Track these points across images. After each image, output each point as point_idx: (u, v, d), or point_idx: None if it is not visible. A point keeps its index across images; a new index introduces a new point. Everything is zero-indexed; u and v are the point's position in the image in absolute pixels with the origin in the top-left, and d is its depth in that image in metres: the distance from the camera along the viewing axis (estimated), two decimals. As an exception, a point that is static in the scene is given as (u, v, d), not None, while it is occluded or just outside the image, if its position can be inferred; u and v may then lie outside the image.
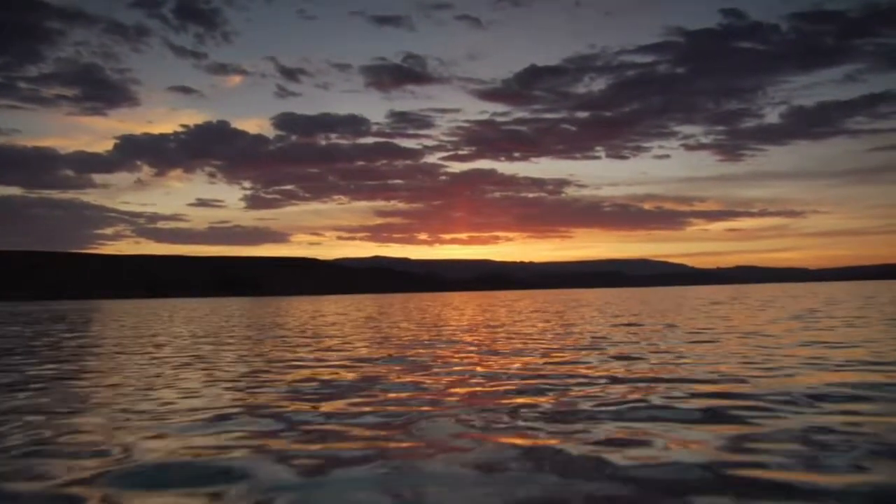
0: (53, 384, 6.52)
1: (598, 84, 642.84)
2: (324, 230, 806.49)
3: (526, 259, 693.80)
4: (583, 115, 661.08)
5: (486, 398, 5.13)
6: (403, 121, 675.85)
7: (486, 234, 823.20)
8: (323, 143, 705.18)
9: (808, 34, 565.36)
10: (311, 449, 3.60)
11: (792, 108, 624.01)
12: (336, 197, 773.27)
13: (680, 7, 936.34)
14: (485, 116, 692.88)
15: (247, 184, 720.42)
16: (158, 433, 4.05)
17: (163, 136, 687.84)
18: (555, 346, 9.16)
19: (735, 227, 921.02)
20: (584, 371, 6.53)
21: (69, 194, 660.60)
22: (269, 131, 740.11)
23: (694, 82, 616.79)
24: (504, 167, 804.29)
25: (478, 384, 5.89)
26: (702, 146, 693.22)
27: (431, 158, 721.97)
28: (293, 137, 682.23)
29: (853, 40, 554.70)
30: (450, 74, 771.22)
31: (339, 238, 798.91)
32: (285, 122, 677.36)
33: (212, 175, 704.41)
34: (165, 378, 6.77)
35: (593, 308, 24.38)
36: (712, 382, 5.55)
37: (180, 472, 3.22)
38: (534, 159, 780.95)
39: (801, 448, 3.39)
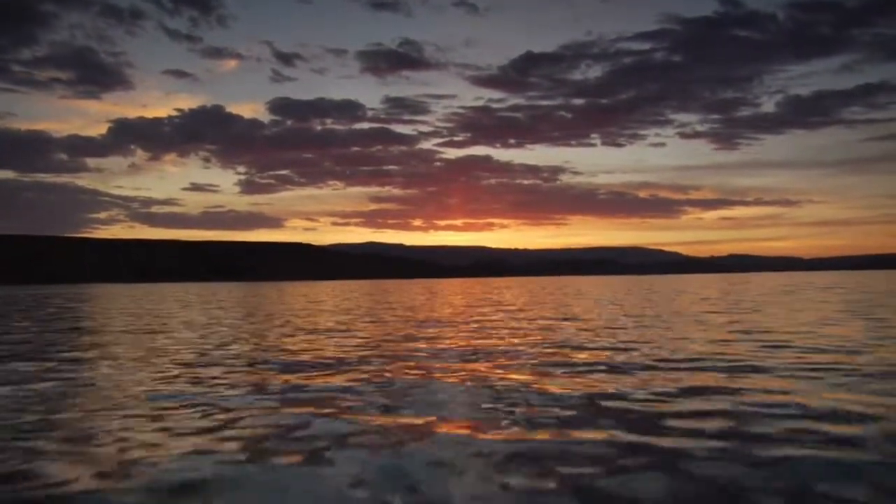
0: None
1: (595, 71, 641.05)
2: (318, 216, 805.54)
3: (520, 246, 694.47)
4: (579, 102, 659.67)
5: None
6: (399, 106, 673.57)
7: (480, 221, 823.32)
8: (318, 128, 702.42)
9: (805, 23, 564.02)
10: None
11: (788, 98, 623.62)
12: (331, 182, 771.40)
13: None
14: (480, 103, 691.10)
15: (241, 169, 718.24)
16: None
17: (157, 120, 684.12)
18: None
19: (729, 216, 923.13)
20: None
21: (63, 178, 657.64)
22: (265, 116, 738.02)
23: (690, 70, 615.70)
24: (499, 154, 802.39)
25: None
26: (697, 134, 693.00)
27: (427, 144, 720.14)
28: (288, 122, 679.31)
29: (850, 30, 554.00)
30: (446, 60, 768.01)
31: (334, 224, 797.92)
32: (280, 106, 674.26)
33: (206, 160, 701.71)
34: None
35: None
36: None
37: None
38: (529, 146, 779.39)
39: None
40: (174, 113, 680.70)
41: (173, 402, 5.06)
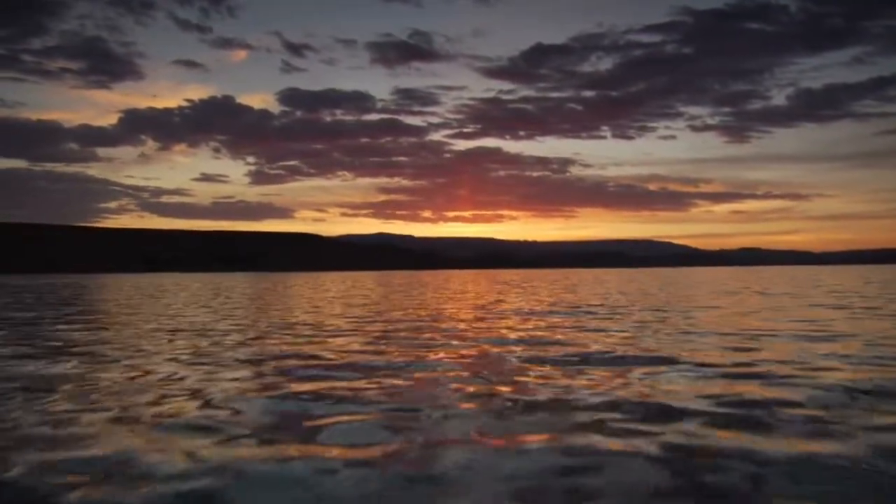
0: None
1: (605, 63, 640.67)
2: (328, 206, 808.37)
3: (529, 238, 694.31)
4: (589, 94, 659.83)
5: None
6: (409, 98, 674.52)
7: (490, 213, 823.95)
8: (328, 119, 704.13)
9: (817, 15, 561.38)
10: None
11: (799, 91, 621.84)
12: (340, 173, 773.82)
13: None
14: (490, 94, 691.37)
15: (251, 159, 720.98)
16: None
17: (167, 110, 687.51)
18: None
19: (740, 210, 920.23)
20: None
21: (73, 167, 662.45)
22: (274, 107, 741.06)
23: (701, 63, 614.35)
24: (509, 145, 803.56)
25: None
26: (708, 127, 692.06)
27: (436, 136, 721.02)
28: (298, 113, 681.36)
29: (862, 22, 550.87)
30: (456, 51, 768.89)
31: (343, 214, 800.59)
32: (290, 97, 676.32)
33: (216, 150, 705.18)
34: None
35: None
36: None
37: None
38: (539, 138, 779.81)
39: None
40: (184, 103, 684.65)
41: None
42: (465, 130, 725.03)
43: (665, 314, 11.43)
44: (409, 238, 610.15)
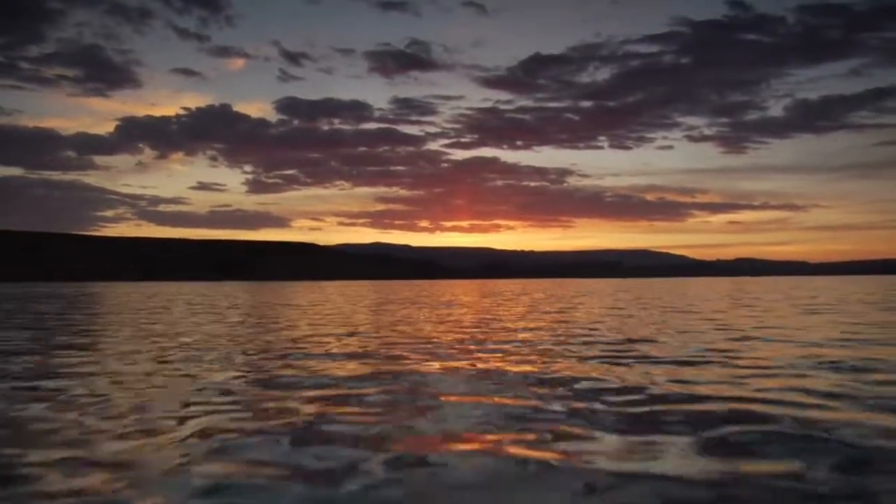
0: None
1: (603, 73, 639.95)
2: (325, 215, 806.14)
3: (526, 248, 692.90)
4: (586, 104, 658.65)
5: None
6: (406, 107, 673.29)
7: (487, 223, 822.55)
8: (325, 128, 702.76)
9: (814, 27, 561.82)
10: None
11: (796, 102, 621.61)
12: (338, 182, 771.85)
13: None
14: (488, 104, 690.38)
15: (248, 168, 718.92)
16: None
17: (165, 119, 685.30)
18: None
19: (736, 220, 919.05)
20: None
21: (70, 175, 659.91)
22: (272, 115, 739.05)
23: (699, 73, 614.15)
24: (506, 155, 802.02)
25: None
26: (705, 138, 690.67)
27: (434, 145, 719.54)
28: (295, 122, 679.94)
29: (859, 34, 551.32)
30: (454, 61, 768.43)
31: (341, 224, 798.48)
32: (288, 106, 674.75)
33: (213, 158, 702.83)
34: None
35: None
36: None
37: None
38: (536, 148, 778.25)
39: None
40: (182, 111, 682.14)
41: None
42: (463, 140, 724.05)
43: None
44: (406, 247, 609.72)
